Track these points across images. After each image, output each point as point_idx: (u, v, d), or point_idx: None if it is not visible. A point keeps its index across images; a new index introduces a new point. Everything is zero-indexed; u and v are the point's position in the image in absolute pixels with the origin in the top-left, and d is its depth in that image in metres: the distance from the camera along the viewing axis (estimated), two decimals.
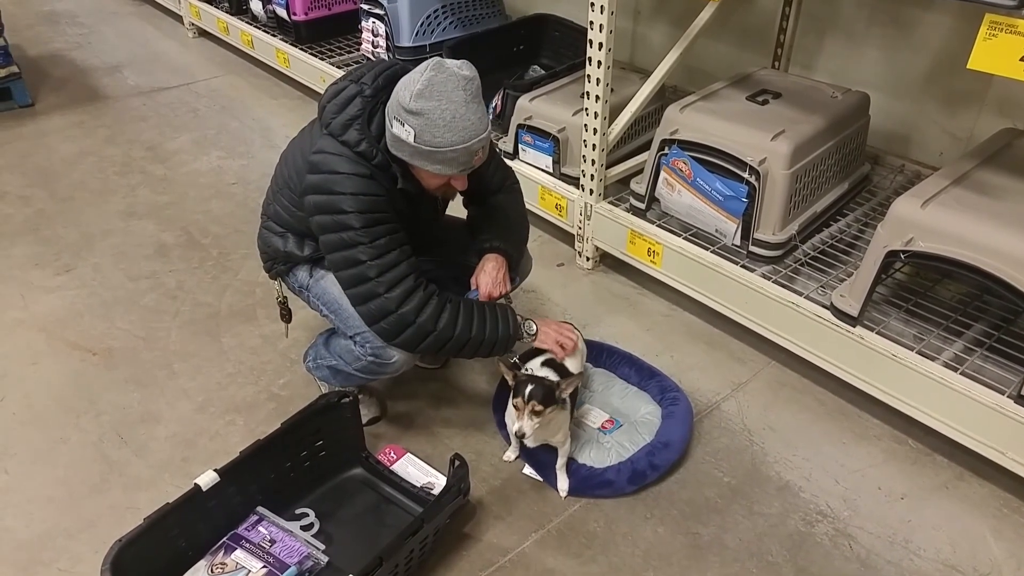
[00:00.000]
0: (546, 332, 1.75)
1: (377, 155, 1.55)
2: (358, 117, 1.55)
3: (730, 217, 2.19)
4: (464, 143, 1.48)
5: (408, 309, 1.56)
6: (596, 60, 2.24)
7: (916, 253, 1.80)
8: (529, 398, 1.57)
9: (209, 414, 2.03)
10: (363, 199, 1.53)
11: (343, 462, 1.80)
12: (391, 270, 1.55)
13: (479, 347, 1.65)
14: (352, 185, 1.53)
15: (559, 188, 2.59)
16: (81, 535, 1.71)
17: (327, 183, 1.54)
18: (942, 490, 1.83)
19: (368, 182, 1.55)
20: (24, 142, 3.42)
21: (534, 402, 1.56)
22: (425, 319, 1.57)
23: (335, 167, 1.54)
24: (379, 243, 1.55)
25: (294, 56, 3.65)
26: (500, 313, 1.68)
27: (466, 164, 1.53)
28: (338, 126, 1.55)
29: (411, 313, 1.56)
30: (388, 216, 1.57)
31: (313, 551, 1.60)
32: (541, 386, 1.58)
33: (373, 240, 1.54)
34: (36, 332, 2.31)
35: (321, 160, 1.56)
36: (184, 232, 2.81)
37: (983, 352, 1.89)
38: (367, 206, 1.54)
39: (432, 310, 1.57)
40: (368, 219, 1.54)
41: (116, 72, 4.18)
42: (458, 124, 1.46)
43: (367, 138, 1.54)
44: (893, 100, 2.63)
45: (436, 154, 1.48)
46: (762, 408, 2.06)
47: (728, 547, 1.70)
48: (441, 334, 1.59)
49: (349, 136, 1.54)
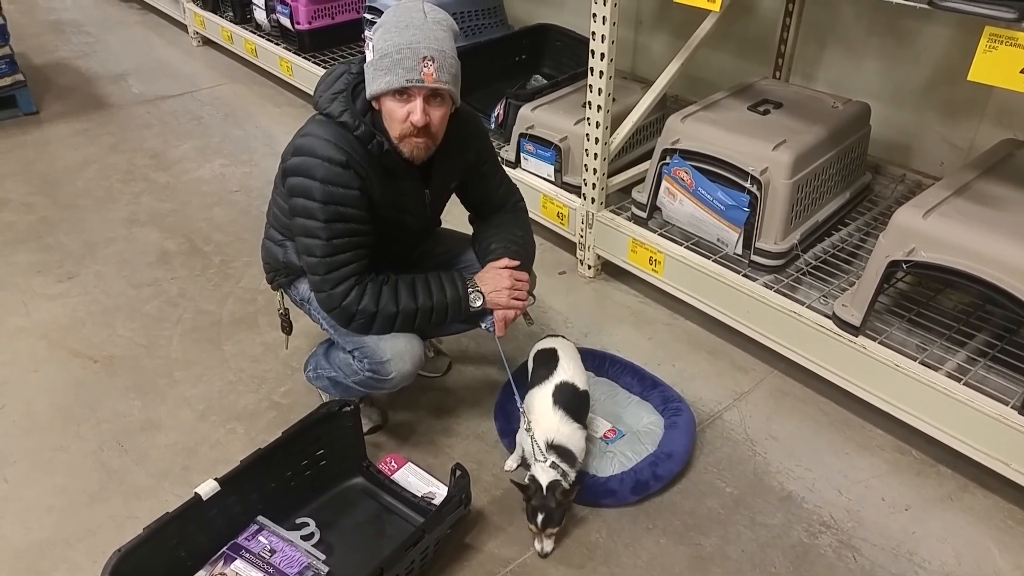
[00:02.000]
0: (495, 295, 1.72)
1: (360, 125, 1.56)
2: (343, 91, 1.59)
3: (732, 226, 2.19)
4: (411, 44, 1.48)
5: (349, 302, 1.62)
6: (598, 70, 2.25)
7: (918, 263, 1.80)
8: (543, 525, 1.62)
9: (210, 422, 2.02)
10: (332, 190, 1.55)
11: (344, 471, 1.79)
12: (339, 269, 1.60)
13: (430, 314, 1.67)
14: (325, 173, 1.55)
15: (561, 197, 2.60)
16: (80, 544, 1.70)
17: (304, 166, 1.57)
18: (946, 501, 1.82)
19: (342, 173, 1.55)
20: (28, 149, 3.44)
21: (549, 528, 1.63)
22: (365, 304, 1.63)
23: (314, 150, 1.56)
24: (335, 242, 1.59)
25: (297, 65, 3.67)
26: (446, 280, 1.69)
27: (412, 71, 1.49)
28: (325, 100, 1.60)
29: (352, 304, 1.63)
30: (353, 213, 1.58)
31: (313, 561, 1.59)
32: (552, 510, 1.61)
33: (330, 238, 1.58)
34: (38, 339, 2.31)
35: (303, 143, 1.58)
36: (187, 239, 2.81)
37: (986, 363, 1.88)
38: (334, 198, 1.56)
39: (370, 295, 1.62)
40: (332, 212, 1.56)
41: (121, 80, 4.20)
42: (409, 31, 1.49)
43: (350, 109, 1.57)
44: (894, 110, 2.63)
45: (384, 59, 1.50)
46: (764, 418, 2.05)
47: (731, 558, 1.69)
48: (385, 311, 1.64)
49: (333, 108, 1.57)
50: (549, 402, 1.75)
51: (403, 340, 1.69)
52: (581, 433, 1.75)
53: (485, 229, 1.88)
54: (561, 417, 1.72)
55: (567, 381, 1.79)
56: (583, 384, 1.82)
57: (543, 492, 1.62)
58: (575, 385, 1.79)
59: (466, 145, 1.75)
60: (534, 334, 2.31)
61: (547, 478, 1.63)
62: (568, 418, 1.73)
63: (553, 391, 1.77)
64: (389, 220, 1.70)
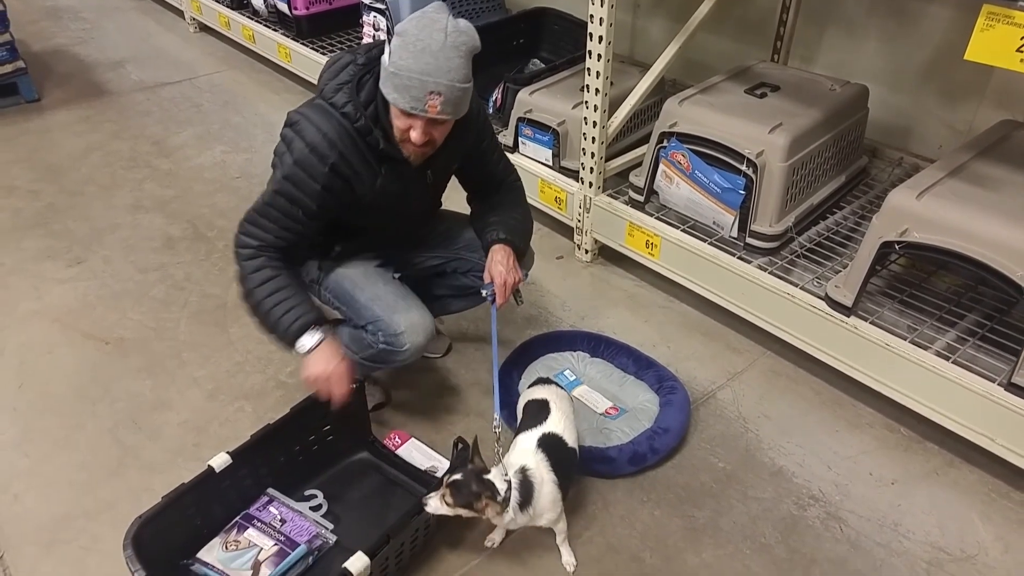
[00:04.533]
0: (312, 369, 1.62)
1: (361, 119, 1.60)
2: (348, 82, 1.62)
3: (727, 209, 2.23)
4: (421, 75, 1.50)
5: (241, 253, 1.66)
6: (596, 53, 2.27)
7: (911, 244, 1.84)
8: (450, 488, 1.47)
9: (219, 401, 2.08)
10: (296, 172, 1.60)
11: (350, 446, 1.86)
12: (256, 228, 1.64)
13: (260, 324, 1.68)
14: (299, 155, 1.59)
15: (559, 181, 2.63)
16: (100, 516, 1.77)
17: (288, 138, 1.62)
18: (932, 476, 1.88)
19: (314, 164, 1.59)
20: (31, 137, 3.47)
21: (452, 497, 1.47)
22: (243, 272, 1.65)
23: (303, 132, 1.60)
24: (270, 211, 1.63)
25: (295, 51, 3.68)
26: (293, 315, 1.62)
27: (417, 101, 1.52)
28: (330, 90, 1.63)
29: (239, 258, 1.67)
30: (302, 200, 1.62)
31: (322, 530, 1.66)
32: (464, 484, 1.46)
33: (268, 203, 1.63)
34: (51, 322, 2.37)
35: (299, 120, 1.62)
36: (190, 225, 2.86)
37: (975, 342, 1.92)
38: (294, 179, 1.60)
39: (250, 269, 1.64)
40: (284, 188, 1.61)
41: (119, 67, 4.22)
42: (424, 57, 1.50)
43: (353, 101, 1.60)
44: (893, 93, 2.65)
45: (395, 77, 1.52)
46: (757, 397, 2.10)
47: (722, 529, 1.75)
48: (244, 288, 1.66)
49: (338, 98, 1.61)
50: (533, 445, 1.60)
51: (416, 314, 1.75)
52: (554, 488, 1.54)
53: (484, 208, 1.93)
54: (542, 460, 1.56)
55: (555, 433, 1.63)
56: (572, 441, 1.66)
57: (482, 474, 1.47)
58: (563, 439, 1.63)
59: (466, 129, 1.78)
60: (532, 318, 2.37)
61: (495, 478, 1.47)
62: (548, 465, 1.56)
63: (539, 439, 1.61)
64: (390, 206, 1.74)
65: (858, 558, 1.69)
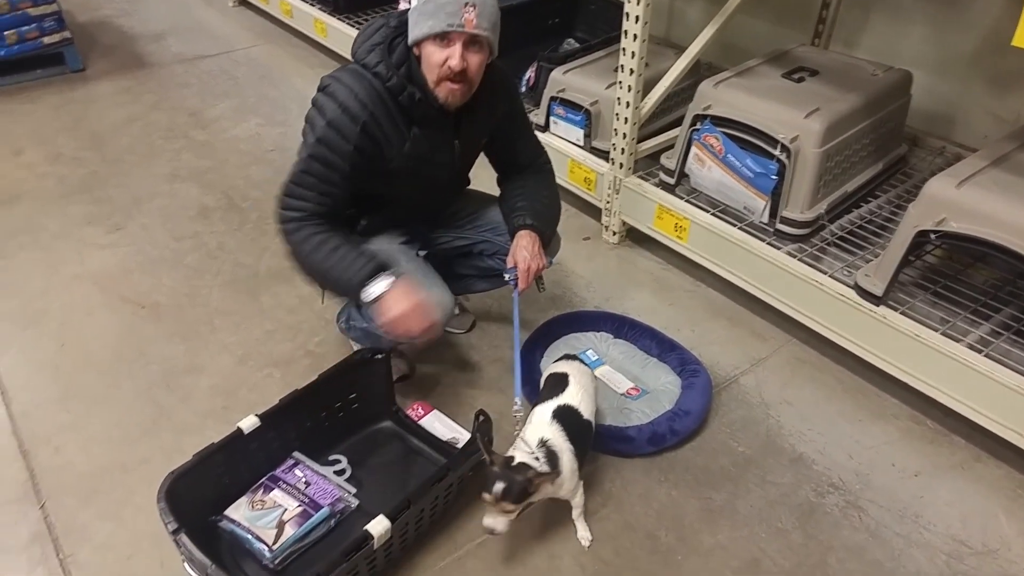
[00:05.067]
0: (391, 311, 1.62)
1: (393, 77, 1.62)
2: (380, 43, 1.64)
3: (759, 194, 2.21)
4: None
5: (286, 228, 1.69)
6: (632, 33, 2.24)
7: (948, 234, 1.80)
8: (500, 496, 1.41)
9: (248, 367, 2.14)
10: (329, 134, 1.62)
11: (374, 415, 1.89)
12: (295, 198, 1.67)
13: (324, 283, 1.73)
14: (333, 116, 1.61)
15: (589, 161, 2.62)
16: (136, 470, 1.84)
17: (320, 102, 1.65)
18: (957, 469, 1.86)
19: (347, 124, 1.61)
20: (77, 106, 3.56)
21: (505, 502, 1.43)
22: (292, 240, 1.69)
23: (335, 93, 1.63)
24: (305, 177, 1.65)
25: (332, 26, 3.71)
26: (356, 264, 1.64)
27: (453, 16, 1.53)
28: (363, 52, 1.66)
29: (284, 233, 1.70)
30: (336, 163, 1.64)
31: (345, 494, 1.70)
32: (514, 482, 1.42)
33: (304, 170, 1.65)
34: (91, 286, 2.45)
35: (330, 83, 1.65)
36: (225, 196, 2.92)
37: (1010, 336, 1.88)
38: (328, 142, 1.62)
39: (299, 236, 1.68)
40: (318, 152, 1.63)
41: (160, 40, 4.29)
42: None
43: (385, 60, 1.62)
44: (938, 79, 2.57)
45: (428, 4, 1.54)
46: (780, 384, 2.09)
47: (739, 512, 1.75)
48: (297, 256, 1.70)
49: (370, 59, 1.63)
50: (548, 416, 1.62)
51: (437, 292, 1.77)
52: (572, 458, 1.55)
53: (512, 189, 1.93)
54: (558, 430, 1.58)
55: (571, 405, 1.65)
56: (588, 413, 1.68)
57: (511, 463, 1.47)
58: (579, 411, 1.65)
59: (497, 100, 1.79)
60: (556, 298, 2.38)
61: (524, 458, 1.49)
62: (564, 435, 1.57)
63: (554, 410, 1.63)
64: (417, 172, 1.75)
65: (876, 547, 1.68)
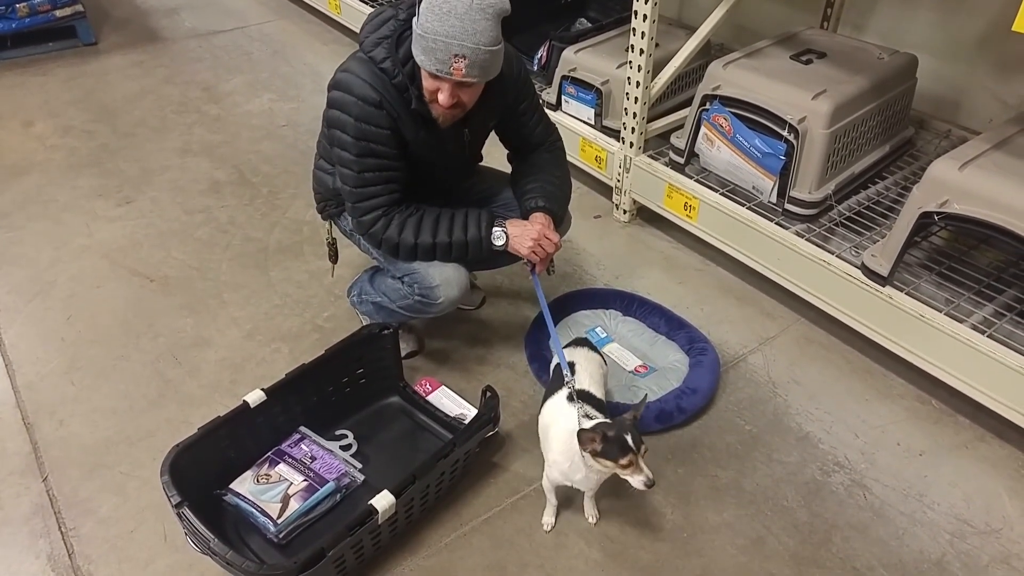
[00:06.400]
0: (519, 238, 1.75)
1: (398, 75, 1.62)
2: (388, 37, 1.63)
3: (767, 174, 2.20)
4: (446, 37, 1.49)
5: (375, 230, 1.73)
6: (643, 14, 2.23)
7: (951, 215, 1.80)
8: (639, 445, 1.42)
9: (256, 341, 2.15)
10: (364, 128, 1.63)
11: (382, 390, 1.91)
12: (367, 200, 1.70)
13: (450, 250, 1.75)
14: (359, 111, 1.62)
15: (599, 140, 2.62)
16: (141, 443, 1.86)
17: (341, 101, 1.64)
18: (962, 449, 1.86)
19: (375, 112, 1.62)
20: (88, 79, 3.57)
21: (644, 445, 1.44)
22: (390, 233, 1.72)
23: (351, 87, 1.62)
24: (365, 175, 1.68)
25: (345, 2, 3.69)
26: (471, 218, 1.75)
27: (443, 64, 1.52)
28: (370, 44, 1.65)
29: (378, 232, 1.73)
30: (383, 151, 1.66)
31: (350, 469, 1.72)
32: (634, 427, 1.43)
33: (360, 171, 1.67)
34: (100, 258, 2.47)
35: (342, 78, 1.65)
36: (236, 170, 2.92)
37: (1013, 316, 1.88)
38: (366, 135, 1.63)
39: (395, 226, 1.72)
40: (363, 148, 1.64)
41: (174, 14, 4.29)
42: (449, 19, 1.49)
43: (391, 56, 1.62)
44: (944, 63, 2.56)
45: (422, 39, 1.53)
46: (788, 363, 2.10)
47: (745, 490, 1.77)
48: (405, 242, 1.73)
49: (376, 53, 1.63)
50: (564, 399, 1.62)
51: (451, 268, 1.77)
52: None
53: (523, 168, 1.93)
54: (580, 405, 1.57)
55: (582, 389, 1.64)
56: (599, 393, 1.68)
57: (619, 421, 1.47)
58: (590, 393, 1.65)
59: (505, 87, 1.78)
60: (567, 276, 2.39)
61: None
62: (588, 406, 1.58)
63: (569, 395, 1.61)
64: (427, 159, 1.76)
65: (880, 526, 1.69)
